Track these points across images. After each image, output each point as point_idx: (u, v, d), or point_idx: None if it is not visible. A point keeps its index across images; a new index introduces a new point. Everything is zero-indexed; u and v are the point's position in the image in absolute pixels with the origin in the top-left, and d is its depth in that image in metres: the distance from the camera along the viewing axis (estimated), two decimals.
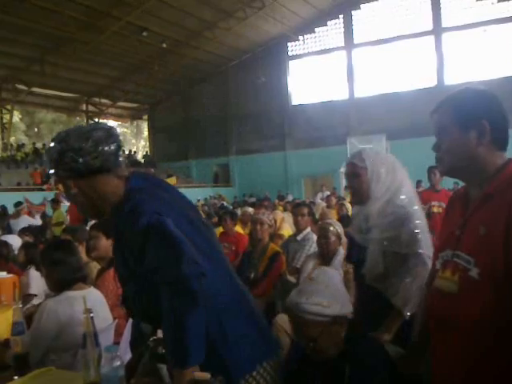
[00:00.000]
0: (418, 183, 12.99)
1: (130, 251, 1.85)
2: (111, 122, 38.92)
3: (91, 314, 1.95)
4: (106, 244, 3.95)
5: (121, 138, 1.99)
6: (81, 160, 1.84)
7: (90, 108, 30.24)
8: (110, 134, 1.91)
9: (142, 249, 1.77)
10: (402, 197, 2.63)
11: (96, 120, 31.34)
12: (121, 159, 1.93)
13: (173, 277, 1.68)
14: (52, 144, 1.89)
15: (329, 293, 2.10)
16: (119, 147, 1.92)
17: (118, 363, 1.69)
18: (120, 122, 36.34)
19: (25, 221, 11.03)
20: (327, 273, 2.27)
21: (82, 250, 4.40)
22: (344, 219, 6.70)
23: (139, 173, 2.04)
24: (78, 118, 35.19)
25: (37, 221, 12.47)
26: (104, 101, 29.93)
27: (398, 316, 2.48)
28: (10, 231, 9.84)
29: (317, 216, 8.30)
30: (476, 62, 22.80)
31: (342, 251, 4.38)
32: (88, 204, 1.96)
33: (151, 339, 1.64)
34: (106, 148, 1.87)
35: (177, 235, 1.73)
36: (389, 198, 2.59)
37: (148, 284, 1.80)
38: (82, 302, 2.00)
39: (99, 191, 1.92)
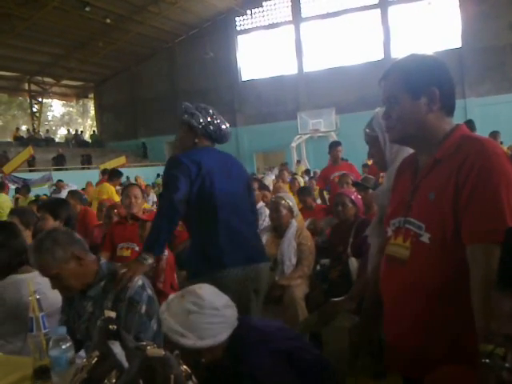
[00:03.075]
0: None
1: None
2: (56, 102, 37.72)
3: (38, 296, 1.88)
4: (53, 225, 3.83)
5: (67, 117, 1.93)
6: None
7: (33, 87, 29.04)
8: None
9: None
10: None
11: (40, 100, 30.29)
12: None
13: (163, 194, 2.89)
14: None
15: (189, 323, 1.91)
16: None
17: (68, 345, 1.64)
18: (65, 101, 35.25)
19: None
20: (201, 298, 1.95)
21: (28, 235, 4.23)
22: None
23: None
24: (20, 98, 33.92)
25: None
26: (47, 79, 28.71)
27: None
28: None
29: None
30: (421, 34, 23.14)
31: (294, 224, 4.41)
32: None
33: (101, 318, 1.58)
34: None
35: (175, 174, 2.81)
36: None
37: None
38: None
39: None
